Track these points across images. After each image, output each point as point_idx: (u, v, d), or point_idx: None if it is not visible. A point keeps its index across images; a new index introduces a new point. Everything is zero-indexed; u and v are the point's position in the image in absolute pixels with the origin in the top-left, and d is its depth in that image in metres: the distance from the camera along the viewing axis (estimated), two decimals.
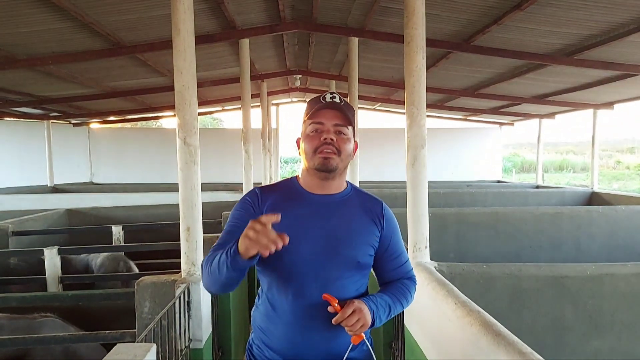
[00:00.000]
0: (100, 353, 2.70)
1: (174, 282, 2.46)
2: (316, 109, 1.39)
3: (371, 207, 1.48)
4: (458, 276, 2.55)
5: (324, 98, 1.41)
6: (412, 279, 1.54)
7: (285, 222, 1.37)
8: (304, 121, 1.44)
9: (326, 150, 1.37)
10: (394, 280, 1.51)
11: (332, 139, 1.37)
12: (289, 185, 1.49)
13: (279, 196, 1.44)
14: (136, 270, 4.53)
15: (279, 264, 1.38)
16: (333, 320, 1.28)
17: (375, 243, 1.45)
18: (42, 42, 4.56)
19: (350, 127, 1.42)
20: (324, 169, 1.38)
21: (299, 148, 1.47)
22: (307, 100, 1.61)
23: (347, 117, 1.40)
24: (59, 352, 2.80)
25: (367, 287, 1.51)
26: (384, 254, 1.48)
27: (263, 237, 1.12)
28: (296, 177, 1.51)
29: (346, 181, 1.52)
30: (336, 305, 1.28)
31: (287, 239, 1.15)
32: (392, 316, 1.44)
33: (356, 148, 1.48)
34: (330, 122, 1.39)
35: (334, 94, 1.42)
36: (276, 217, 1.17)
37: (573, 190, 7.68)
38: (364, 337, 1.32)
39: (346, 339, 1.33)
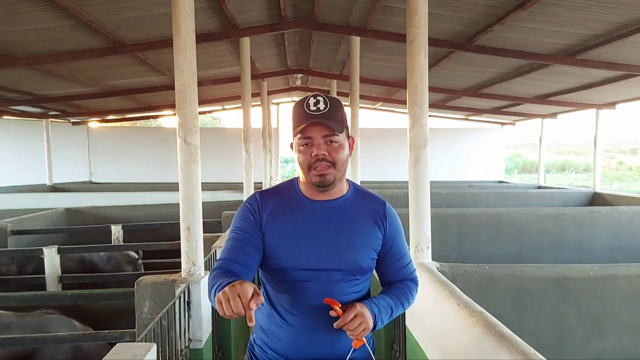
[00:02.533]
0: (105, 348, 2.69)
1: (174, 281, 2.45)
2: (303, 127, 1.32)
3: (373, 209, 1.45)
4: (460, 277, 2.54)
5: (308, 107, 1.33)
6: (414, 281, 1.52)
7: (286, 228, 1.36)
8: (293, 131, 1.38)
9: (320, 166, 1.32)
10: (396, 281, 1.49)
11: (324, 154, 1.32)
12: (289, 190, 1.45)
13: (278, 202, 1.41)
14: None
15: (281, 269, 1.37)
16: (335, 325, 1.27)
17: (377, 246, 1.43)
18: (41, 41, 4.54)
19: (341, 131, 1.35)
20: (321, 185, 1.35)
21: (292, 151, 1.42)
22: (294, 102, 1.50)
23: (334, 125, 1.33)
24: (67, 348, 2.80)
25: (370, 289, 1.49)
26: (386, 255, 1.46)
27: (237, 309, 1.04)
28: (297, 180, 1.47)
29: (348, 180, 1.48)
30: (338, 309, 1.27)
31: (261, 300, 1.07)
32: (394, 318, 1.43)
33: (353, 143, 1.43)
34: (319, 134, 1.32)
35: (318, 99, 1.34)
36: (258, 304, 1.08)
37: (575, 191, 7.67)
38: (365, 342, 1.30)
39: (348, 342, 1.32)
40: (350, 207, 1.42)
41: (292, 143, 1.42)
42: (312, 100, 1.34)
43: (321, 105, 1.33)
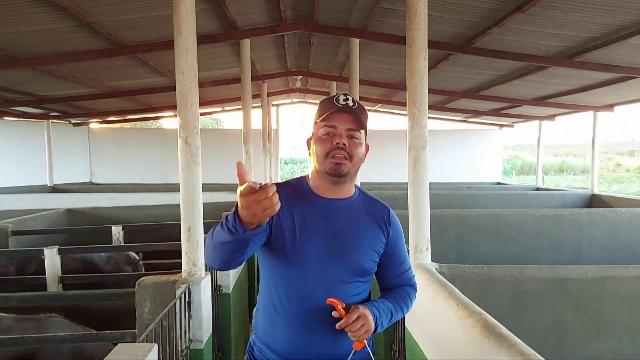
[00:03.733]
0: (108, 349, 2.70)
1: (175, 282, 2.46)
2: (330, 112, 1.36)
3: (378, 213, 1.47)
4: (459, 278, 2.55)
5: (337, 100, 1.38)
6: (413, 286, 1.54)
7: (293, 222, 1.37)
8: (316, 122, 1.41)
9: (338, 155, 1.35)
10: (395, 286, 1.51)
11: (344, 144, 1.35)
12: (300, 185, 1.47)
13: (289, 193, 1.41)
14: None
15: (283, 265, 1.37)
16: (337, 325, 1.27)
17: (380, 249, 1.45)
18: (43, 42, 4.56)
19: (362, 131, 1.40)
20: (335, 174, 1.36)
21: (309, 149, 1.45)
22: (319, 101, 1.57)
23: (360, 121, 1.38)
24: (68, 350, 2.80)
25: (370, 293, 1.50)
26: (388, 260, 1.48)
27: (265, 204, 1.05)
28: (305, 178, 1.49)
29: (355, 185, 1.51)
30: (341, 310, 1.27)
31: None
32: (393, 322, 1.44)
33: (367, 151, 1.46)
34: (343, 126, 1.36)
35: (348, 96, 1.40)
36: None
37: (573, 193, 7.68)
38: (366, 344, 1.31)
39: (349, 344, 1.32)
40: (356, 209, 1.44)
41: (308, 139, 1.45)
42: (342, 97, 1.39)
43: (350, 102, 1.38)
